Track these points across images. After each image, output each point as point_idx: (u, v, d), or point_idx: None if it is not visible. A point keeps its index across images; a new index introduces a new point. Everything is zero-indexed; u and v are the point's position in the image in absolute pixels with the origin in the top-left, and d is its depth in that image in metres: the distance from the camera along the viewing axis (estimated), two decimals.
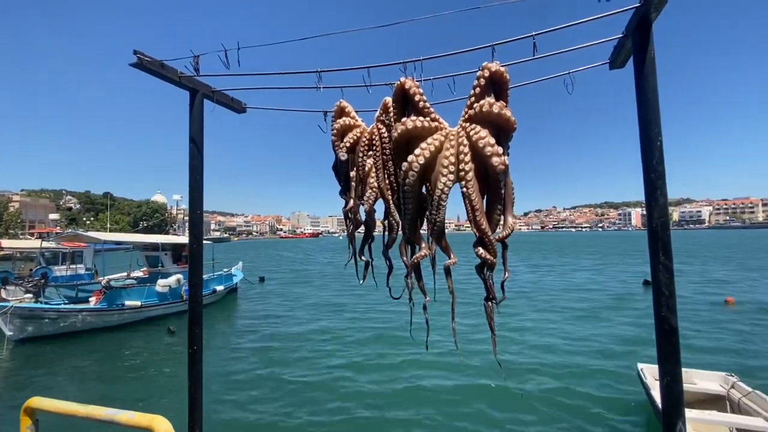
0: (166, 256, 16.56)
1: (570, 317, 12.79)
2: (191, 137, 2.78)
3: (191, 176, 2.76)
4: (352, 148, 2.35)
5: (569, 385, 7.34)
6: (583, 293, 17.22)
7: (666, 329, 1.82)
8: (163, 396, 7.52)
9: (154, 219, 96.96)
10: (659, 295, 1.81)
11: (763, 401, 4.98)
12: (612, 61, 2.40)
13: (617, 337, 10.35)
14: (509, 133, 1.94)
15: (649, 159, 1.86)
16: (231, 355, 9.73)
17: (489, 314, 1.87)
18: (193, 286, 2.77)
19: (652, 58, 1.93)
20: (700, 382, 5.77)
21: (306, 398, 7.03)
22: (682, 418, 1.84)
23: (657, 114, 1.89)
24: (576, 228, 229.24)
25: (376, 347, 9.94)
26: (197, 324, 2.70)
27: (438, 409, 6.56)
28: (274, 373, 8.25)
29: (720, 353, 8.91)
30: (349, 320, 12.99)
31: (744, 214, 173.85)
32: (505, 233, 1.89)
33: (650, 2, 1.86)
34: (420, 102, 2.02)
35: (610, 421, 6.06)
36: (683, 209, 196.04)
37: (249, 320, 13.71)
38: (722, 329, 10.88)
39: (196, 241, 2.74)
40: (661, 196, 1.83)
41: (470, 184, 1.92)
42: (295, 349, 9.93)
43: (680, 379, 1.83)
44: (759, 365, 8.06)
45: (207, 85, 2.85)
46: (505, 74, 1.87)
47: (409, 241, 2.15)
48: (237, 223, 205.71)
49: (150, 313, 14.03)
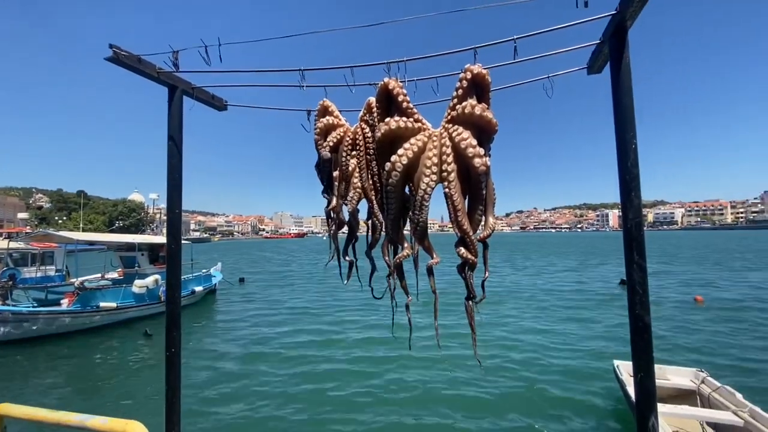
0: (142, 256, 16.08)
1: (549, 315, 13.07)
2: (170, 135, 2.70)
3: (169, 175, 2.69)
4: (335, 147, 2.34)
5: (548, 382, 7.51)
6: (563, 292, 17.63)
7: (639, 326, 1.88)
8: (140, 401, 7.31)
9: (130, 218, 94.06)
10: (633, 294, 1.87)
11: (731, 396, 5.21)
12: (590, 66, 2.47)
13: (595, 335, 10.65)
14: (491, 134, 1.97)
15: (624, 162, 1.92)
16: (210, 357, 9.51)
17: (469, 313, 1.89)
18: (171, 286, 2.70)
19: (627, 64, 2.00)
20: (672, 378, 5.99)
21: (288, 402, 6.94)
22: (655, 413, 1.90)
23: (632, 118, 1.95)
24: (556, 229, 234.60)
25: (357, 347, 9.91)
26: (175, 326, 2.63)
27: (421, 407, 6.60)
28: (254, 377, 8.12)
29: (691, 350, 9.28)
30: (330, 321, 12.90)
31: (714, 216, 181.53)
32: (486, 233, 1.92)
33: (626, 10, 1.92)
34: (403, 102, 2.03)
35: (588, 415, 6.22)
36: (657, 211, 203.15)
37: (228, 322, 13.43)
38: (693, 327, 11.33)
39: (174, 241, 2.67)
40: (636, 197, 1.90)
41: (452, 184, 1.95)
42: (276, 351, 9.79)
43: (653, 374, 1.89)
44: (727, 361, 8.43)
45: (186, 82, 2.78)
46: (487, 77, 1.90)
47: (391, 241, 2.16)
48: (218, 223, 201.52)
49: (126, 315, 13.60)
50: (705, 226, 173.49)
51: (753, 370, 7.87)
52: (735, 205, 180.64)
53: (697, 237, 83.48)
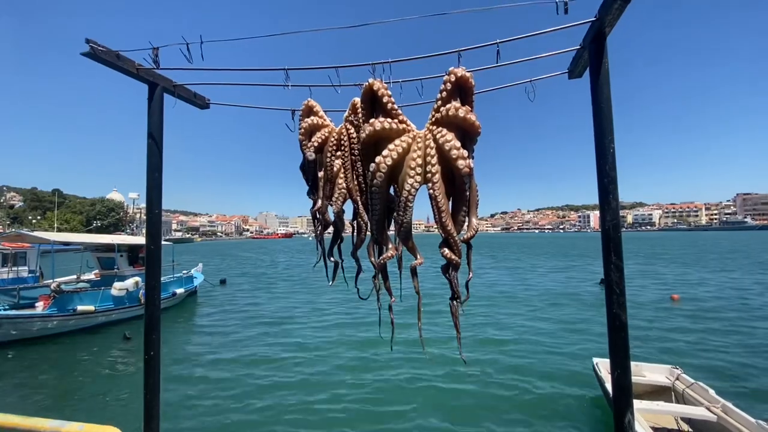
0: (121, 257, 15.61)
1: (532, 315, 13.29)
2: (150, 133, 2.65)
3: (149, 174, 2.63)
4: (320, 147, 2.33)
5: (530, 380, 7.64)
6: (545, 292, 17.95)
7: (617, 325, 1.93)
8: (117, 406, 7.10)
9: (109, 218, 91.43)
10: (611, 293, 1.92)
11: (704, 391, 5.40)
12: (571, 71, 2.53)
13: (576, 334, 10.87)
14: (474, 136, 1.99)
15: (602, 165, 1.97)
16: (190, 361, 9.29)
17: (454, 313, 1.91)
18: (151, 288, 2.64)
19: (606, 69, 2.05)
20: (648, 375, 6.18)
21: (270, 406, 6.80)
22: (631, 408, 1.96)
23: (610, 123, 2.01)
24: (539, 229, 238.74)
25: (340, 348, 9.87)
26: (154, 329, 2.57)
27: (404, 405, 6.62)
28: (235, 380, 7.96)
29: (666, 347, 9.57)
30: (314, 323, 12.79)
31: (689, 217, 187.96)
32: (470, 234, 1.94)
33: (604, 17, 1.97)
34: (388, 104, 2.04)
35: (569, 412, 6.35)
36: (636, 212, 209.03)
37: (209, 325, 13.13)
38: (669, 324, 11.70)
39: (154, 241, 2.61)
40: (614, 199, 1.95)
41: (437, 185, 1.96)
42: (258, 354, 9.62)
43: (629, 371, 1.95)
44: (700, 358, 8.73)
45: (168, 79, 2.72)
46: (471, 80, 1.92)
47: (377, 242, 2.17)
48: (200, 223, 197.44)
49: (105, 318, 13.19)
50: (681, 227, 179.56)
51: (725, 367, 8.17)
52: (709, 207, 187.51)
53: (673, 238, 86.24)
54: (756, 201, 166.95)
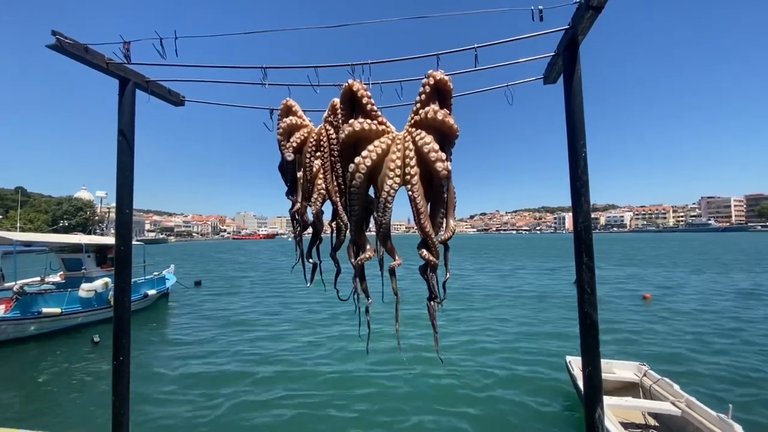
0: (89, 258, 14.95)
1: (508, 314, 13.55)
2: (120, 130, 2.55)
3: (120, 172, 2.53)
4: (299, 148, 2.31)
5: (506, 377, 7.80)
6: (521, 292, 18.35)
7: (588, 323, 1.99)
8: (86, 414, 6.79)
9: (77, 218, 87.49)
10: (582, 293, 1.98)
11: (669, 387, 5.64)
12: (546, 77, 2.60)
13: (550, 333, 11.16)
14: (452, 139, 2.02)
15: (575, 168, 2.03)
16: (161, 366, 8.95)
17: (431, 313, 1.93)
18: (121, 290, 2.54)
19: (579, 76, 2.12)
20: (618, 372, 6.41)
21: (244, 412, 6.60)
22: (601, 404, 2.03)
23: (582, 128, 2.07)
24: (516, 230, 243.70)
25: (316, 353, 9.76)
26: (124, 333, 2.48)
27: (382, 404, 6.62)
28: (209, 386, 7.70)
29: (636, 344, 9.95)
30: (292, 324, 12.60)
31: (658, 219, 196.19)
32: (447, 235, 1.96)
33: (577, 26, 2.04)
34: (368, 105, 2.04)
35: (543, 409, 6.50)
36: (609, 214, 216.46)
37: (182, 328, 12.69)
38: (639, 322, 12.17)
39: (124, 242, 2.52)
40: (585, 202, 2.01)
41: (416, 187, 1.98)
42: (232, 359, 9.37)
43: (599, 369, 2.01)
44: (667, 354, 9.12)
45: (140, 75, 2.64)
46: (449, 83, 1.95)
47: (355, 243, 2.16)
48: (175, 223, 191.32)
49: (72, 321, 12.61)
50: (650, 228, 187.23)
51: (690, 362, 8.57)
52: (676, 209, 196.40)
53: (644, 240, 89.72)
54: (719, 204, 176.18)
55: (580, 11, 1.96)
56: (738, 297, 15.97)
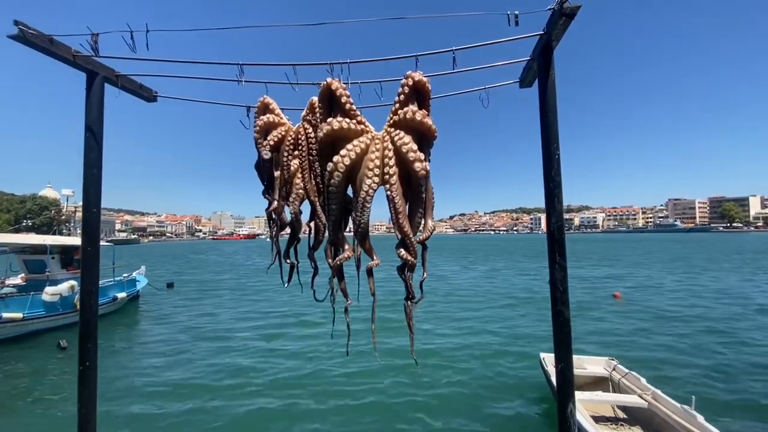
0: (53, 260, 14.19)
1: (484, 314, 13.80)
2: (88, 125, 2.44)
3: (87, 170, 2.42)
4: (276, 146, 2.27)
5: (482, 374, 7.95)
6: (498, 292, 18.72)
7: (561, 321, 2.05)
8: (51, 422, 6.47)
9: (41, 217, 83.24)
10: (555, 291, 2.04)
11: (637, 380, 5.89)
12: (522, 81, 2.66)
13: (525, 331, 11.43)
14: (431, 140, 2.04)
15: (548, 170, 2.08)
16: (130, 372, 8.59)
17: (408, 313, 1.94)
18: (87, 293, 2.43)
19: (552, 80, 2.18)
20: (589, 367, 6.63)
21: (216, 419, 6.42)
22: (573, 399, 2.09)
23: (556, 131, 2.13)
24: (494, 231, 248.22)
25: (296, 353, 9.64)
26: (90, 337, 2.37)
27: (357, 405, 6.61)
28: (181, 393, 7.43)
29: (606, 340, 10.33)
30: (268, 327, 12.35)
31: (628, 220, 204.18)
32: (425, 235, 1.98)
33: (551, 31, 2.09)
34: (346, 104, 2.03)
35: (517, 405, 6.65)
36: (583, 215, 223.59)
37: (152, 332, 12.20)
38: (610, 319, 12.63)
39: (91, 242, 2.41)
40: (558, 203, 2.07)
41: (394, 187, 1.98)
42: (204, 365, 8.99)
43: (571, 364, 2.08)
44: (636, 349, 9.51)
45: (109, 68, 2.53)
46: (427, 84, 1.96)
47: (333, 243, 2.15)
48: (148, 223, 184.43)
49: (35, 326, 11.97)
50: (621, 229, 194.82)
51: (656, 357, 8.96)
52: (645, 210, 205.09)
53: (616, 240, 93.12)
54: (684, 206, 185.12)
55: (554, 17, 2.02)
56: (704, 294, 16.81)
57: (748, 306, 14.16)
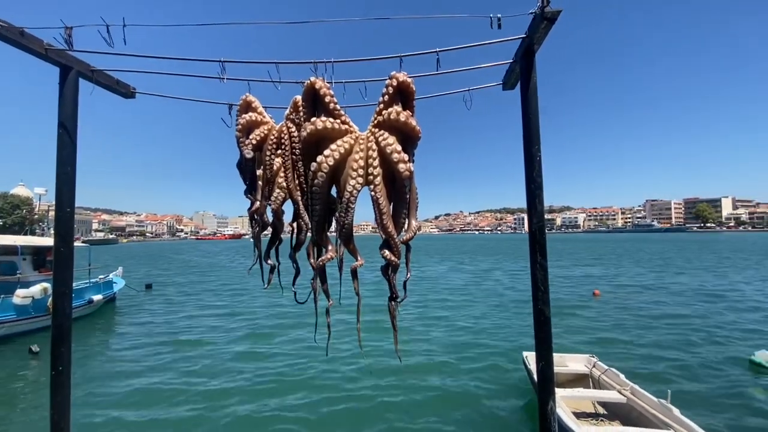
0: (25, 261, 13.62)
1: (469, 313, 13.94)
2: (61, 121, 2.36)
3: (60, 167, 2.34)
4: (258, 145, 2.24)
5: (466, 372, 8.02)
6: (483, 291, 18.94)
7: (541, 319, 2.09)
8: (23, 430, 6.22)
9: (13, 216, 79.98)
10: (536, 290, 2.07)
11: (616, 377, 6.04)
12: (504, 83, 2.69)
13: (510, 330, 11.60)
14: (414, 141, 2.04)
15: (530, 171, 2.12)
16: (106, 377, 8.28)
17: (392, 313, 1.94)
18: (60, 296, 2.35)
19: (534, 83, 2.22)
20: (570, 364, 6.78)
21: (194, 426, 6.24)
22: (553, 397, 2.13)
23: (537, 133, 2.17)
24: (479, 231, 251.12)
25: (272, 360, 9.47)
26: (63, 341, 2.29)
27: (341, 406, 6.59)
28: (158, 399, 7.20)
29: (586, 337, 10.56)
30: (249, 330, 12.05)
31: (608, 221, 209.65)
32: (409, 236, 1.98)
33: (533, 35, 2.13)
34: (330, 103, 2.02)
35: (500, 404, 6.74)
36: (564, 215, 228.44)
37: (129, 336, 11.75)
38: (590, 317, 12.94)
39: (64, 243, 2.32)
40: (539, 204, 2.10)
41: (378, 188, 1.98)
42: (183, 370, 8.67)
43: (552, 362, 2.11)
44: (614, 346, 9.76)
45: (84, 63, 2.45)
46: (411, 85, 1.97)
47: (316, 244, 2.13)
48: (127, 222, 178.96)
49: (5, 330, 11.47)
50: (601, 229, 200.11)
51: (635, 353, 9.22)
52: (624, 211, 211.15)
53: (597, 240, 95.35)
54: (661, 206, 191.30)
55: (536, 21, 2.05)
56: (680, 293, 17.39)
57: (722, 303, 14.73)
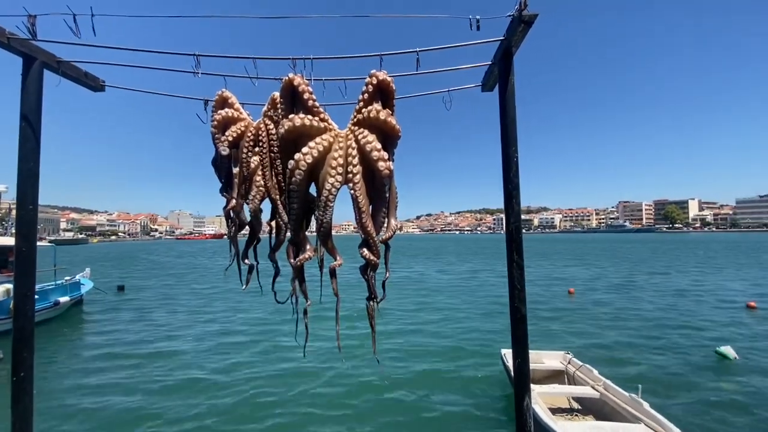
0: None
1: (448, 313, 14.09)
2: (24, 115, 2.23)
3: (22, 163, 2.22)
4: (235, 142, 2.19)
5: (446, 370, 8.12)
6: (462, 290, 19.19)
7: (518, 317, 2.12)
8: None
9: None
10: (512, 288, 2.11)
11: (590, 372, 6.24)
12: (484, 84, 2.73)
13: (489, 328, 11.79)
14: (394, 140, 2.04)
15: (507, 172, 2.15)
16: (72, 384, 7.88)
17: (370, 313, 1.93)
18: (22, 298, 2.23)
19: (512, 85, 2.25)
20: (546, 361, 6.95)
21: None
22: (529, 393, 2.17)
23: (514, 135, 2.20)
24: (459, 230, 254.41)
25: (255, 359, 9.32)
26: (26, 345, 2.17)
27: (322, 408, 6.54)
28: (129, 408, 6.85)
29: (562, 334, 10.86)
30: (224, 333, 11.77)
31: (583, 221, 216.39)
32: (388, 235, 1.98)
33: (511, 38, 2.16)
34: (309, 100, 1.99)
35: (479, 401, 6.84)
36: (541, 216, 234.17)
37: (98, 340, 11.24)
38: (565, 314, 13.30)
39: (26, 242, 2.21)
40: (516, 204, 2.14)
41: (358, 186, 1.97)
42: (155, 376, 8.33)
43: (528, 359, 2.15)
44: (589, 342, 10.06)
45: (49, 53, 2.33)
46: (391, 84, 1.96)
47: (295, 243, 2.10)
48: (98, 221, 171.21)
49: None
50: (576, 229, 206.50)
51: (608, 349, 9.53)
52: (598, 212, 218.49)
53: (572, 240, 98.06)
54: (633, 208, 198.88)
55: (514, 24, 2.08)
56: (652, 290, 18.09)
57: (690, 300, 15.43)
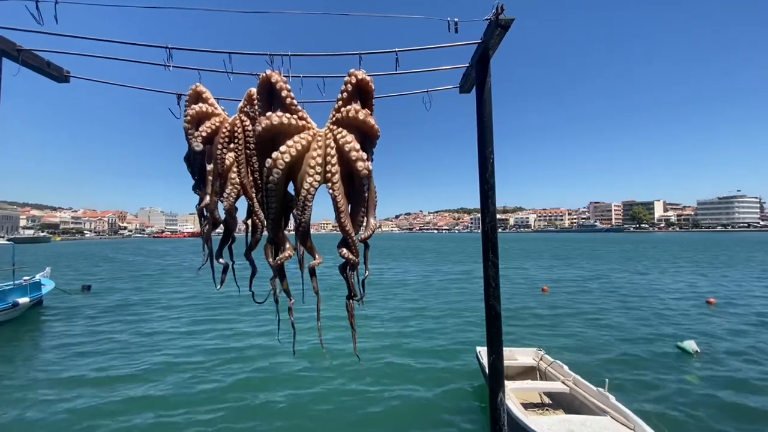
0: None
1: (426, 312, 14.25)
2: None
3: None
4: (209, 138, 2.14)
5: (422, 370, 8.20)
6: (439, 289, 19.44)
7: (492, 315, 2.17)
8: None
9: None
10: (488, 287, 2.15)
11: (560, 368, 6.46)
12: (462, 86, 2.77)
13: (466, 326, 12.00)
14: (373, 139, 2.04)
15: (483, 172, 2.19)
16: (30, 391, 7.46)
17: (350, 312, 1.93)
18: None
19: (489, 88, 2.30)
20: (519, 358, 7.15)
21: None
22: (503, 388, 2.23)
23: (491, 136, 2.25)
24: (438, 230, 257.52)
25: (233, 362, 9.12)
26: None
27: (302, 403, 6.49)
28: (93, 417, 6.44)
29: (535, 330, 11.19)
30: (195, 335, 11.35)
31: (557, 221, 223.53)
32: (367, 234, 1.98)
33: (488, 41, 2.20)
34: (287, 98, 1.97)
35: (455, 395, 6.97)
36: (517, 216, 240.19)
37: (59, 344, 10.60)
38: (538, 311, 13.70)
39: None
40: (492, 204, 2.19)
41: (336, 186, 1.96)
42: (121, 382, 7.85)
43: (502, 356, 2.21)
44: (560, 338, 10.42)
45: (8, 41, 2.20)
46: (370, 83, 1.97)
47: (273, 242, 2.07)
48: (62, 219, 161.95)
49: None
50: (550, 229, 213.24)
51: (577, 344, 9.90)
52: (571, 212, 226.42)
53: (548, 239, 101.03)
54: (603, 208, 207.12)
55: (491, 28, 2.13)
56: (621, 287, 18.88)
57: (655, 297, 16.20)
